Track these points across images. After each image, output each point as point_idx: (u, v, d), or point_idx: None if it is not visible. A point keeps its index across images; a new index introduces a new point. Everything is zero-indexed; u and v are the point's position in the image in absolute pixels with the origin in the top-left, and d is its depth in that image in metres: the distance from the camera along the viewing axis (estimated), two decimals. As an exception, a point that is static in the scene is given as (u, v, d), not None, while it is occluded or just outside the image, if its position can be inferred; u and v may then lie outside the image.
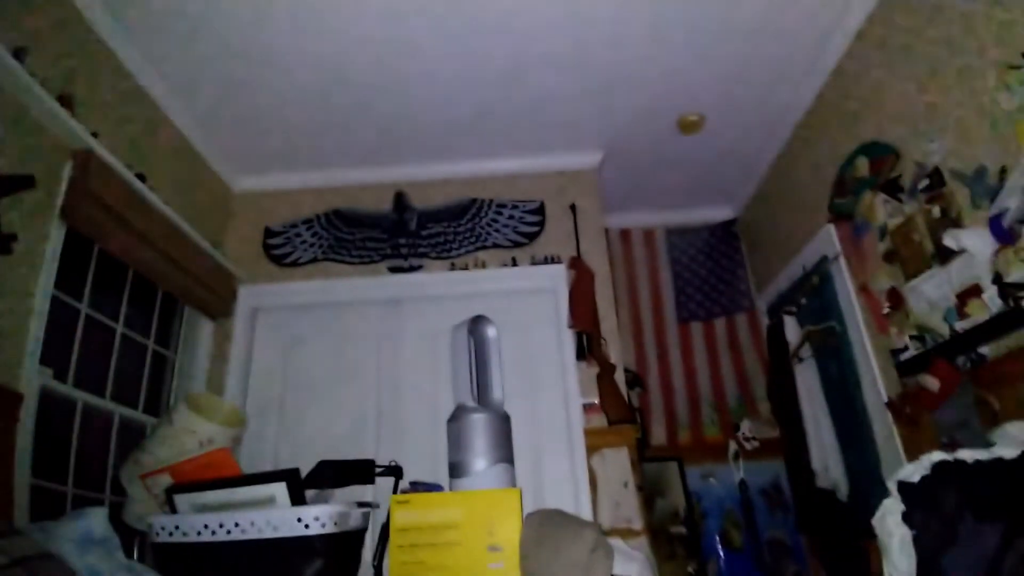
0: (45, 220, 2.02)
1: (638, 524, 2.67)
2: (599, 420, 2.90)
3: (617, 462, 2.77)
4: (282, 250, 3.30)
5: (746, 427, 3.62)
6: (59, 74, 2.09)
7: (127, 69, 2.48)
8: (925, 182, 2.19)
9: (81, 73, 2.22)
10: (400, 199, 3.34)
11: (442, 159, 3.39)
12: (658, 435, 3.68)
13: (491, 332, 2.01)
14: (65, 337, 2.17)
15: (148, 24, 2.38)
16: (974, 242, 1.92)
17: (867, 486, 2.62)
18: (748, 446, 3.58)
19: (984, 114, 1.93)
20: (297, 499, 1.45)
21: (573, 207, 3.32)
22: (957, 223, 2.04)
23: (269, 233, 3.33)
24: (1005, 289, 1.81)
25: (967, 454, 1.52)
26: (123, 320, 2.50)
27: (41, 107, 1.94)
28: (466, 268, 3.25)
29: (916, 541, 1.50)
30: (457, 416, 1.81)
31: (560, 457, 2.86)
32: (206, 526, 1.40)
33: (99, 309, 2.36)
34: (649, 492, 3.33)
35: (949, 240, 2.00)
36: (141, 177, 2.42)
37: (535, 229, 3.30)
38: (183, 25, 2.40)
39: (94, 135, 2.16)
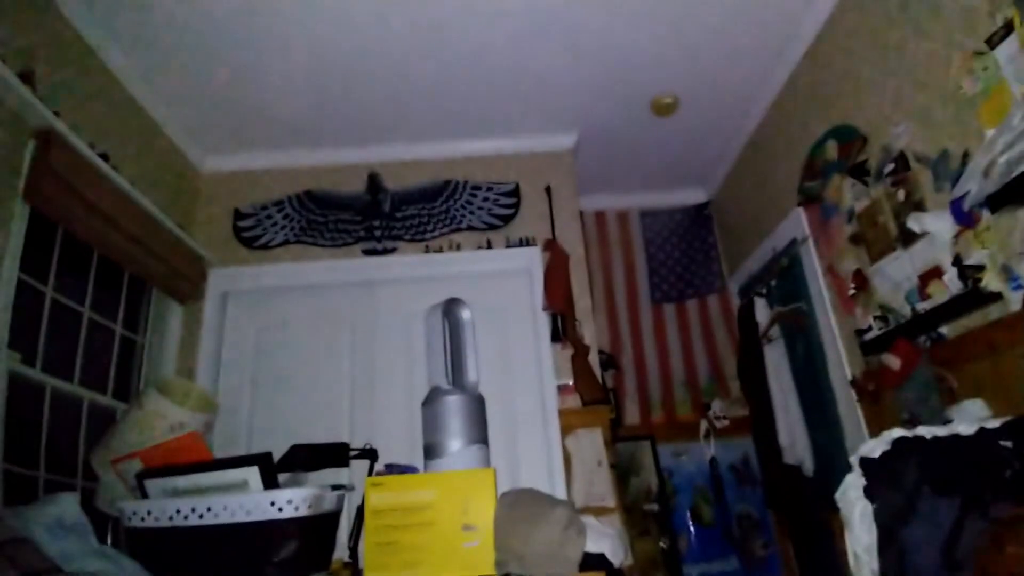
0: (9, 201, 1.96)
1: (611, 502, 2.72)
2: (573, 401, 2.93)
3: (591, 442, 2.82)
4: (253, 232, 3.25)
5: (717, 406, 3.70)
6: (20, 50, 2.02)
7: (90, 45, 2.40)
8: (891, 166, 2.23)
9: (43, 49, 2.15)
10: (374, 180, 3.30)
11: (416, 140, 3.35)
12: (632, 415, 3.74)
13: (466, 314, 2.01)
14: (32, 322, 2.12)
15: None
16: (936, 225, 1.97)
17: (832, 462, 2.70)
18: (719, 424, 3.66)
19: (948, 99, 1.97)
20: (270, 483, 1.45)
21: (548, 189, 3.32)
22: (920, 206, 2.09)
23: (239, 215, 3.27)
24: (964, 271, 1.86)
25: (926, 431, 1.57)
26: (89, 304, 2.45)
27: (2, 84, 1.87)
28: (440, 250, 3.24)
29: (876, 514, 1.56)
30: (432, 398, 1.82)
31: (535, 437, 2.89)
32: (179, 511, 1.39)
33: (65, 293, 2.31)
34: (623, 470, 3.39)
35: (912, 223, 2.05)
36: (104, 157, 2.35)
37: (510, 211, 3.29)
38: (148, 1, 2.33)
39: (56, 113, 2.09)
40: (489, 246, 3.24)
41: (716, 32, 2.74)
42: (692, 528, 3.53)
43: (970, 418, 1.63)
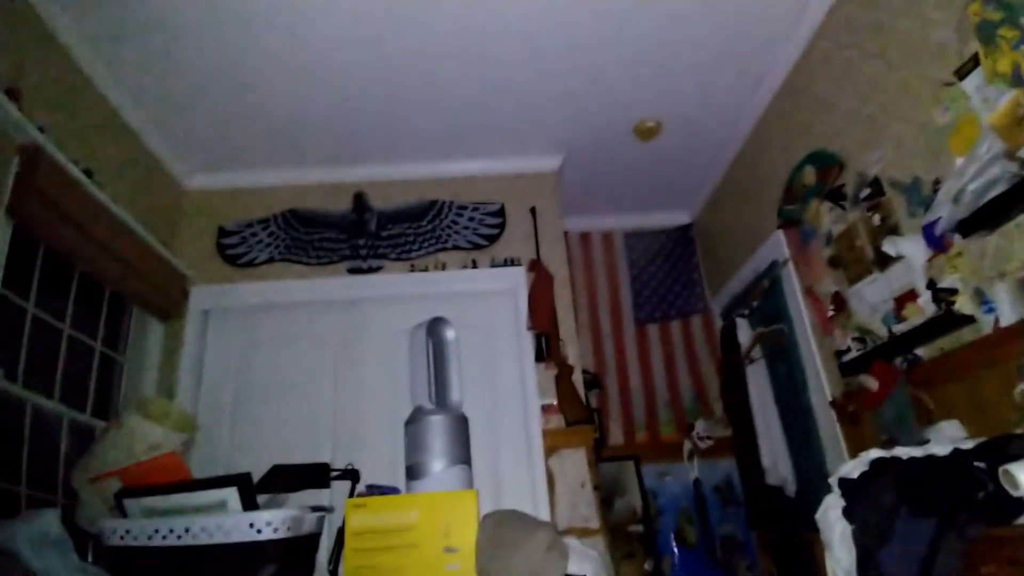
0: (-8, 216, 1.95)
1: (595, 523, 2.71)
2: (557, 421, 2.93)
3: (575, 462, 2.81)
4: (237, 250, 3.23)
5: (700, 426, 3.71)
6: (6, 66, 2.02)
7: (76, 62, 2.41)
8: (867, 191, 2.29)
9: (29, 66, 2.15)
10: (359, 199, 3.31)
11: (403, 160, 3.37)
12: (615, 435, 3.75)
13: (450, 334, 2.02)
14: (13, 337, 2.10)
15: (99, 17, 2.30)
16: (910, 249, 2.02)
17: (813, 482, 2.72)
18: (702, 445, 3.66)
19: (920, 128, 2.03)
20: (249, 504, 1.44)
21: (533, 210, 3.35)
22: (896, 231, 2.14)
23: (223, 233, 3.26)
24: (938, 294, 1.91)
25: (903, 451, 1.59)
26: (70, 321, 2.42)
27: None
28: (426, 270, 3.24)
29: (855, 535, 1.57)
30: (415, 418, 1.82)
31: (518, 458, 2.88)
32: (157, 531, 1.38)
33: (45, 309, 2.29)
34: (607, 491, 3.38)
35: (888, 247, 2.10)
36: (88, 173, 2.34)
37: (495, 231, 3.32)
38: (135, 18, 2.34)
39: (40, 130, 2.09)
40: (474, 266, 3.25)
41: (698, 60, 2.80)
42: (676, 549, 3.52)
43: (946, 439, 1.65)
